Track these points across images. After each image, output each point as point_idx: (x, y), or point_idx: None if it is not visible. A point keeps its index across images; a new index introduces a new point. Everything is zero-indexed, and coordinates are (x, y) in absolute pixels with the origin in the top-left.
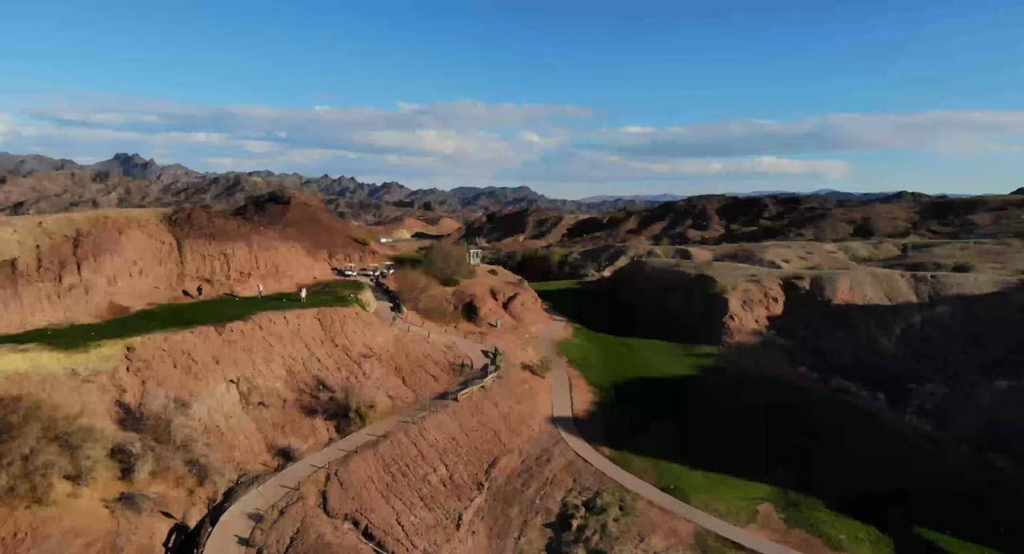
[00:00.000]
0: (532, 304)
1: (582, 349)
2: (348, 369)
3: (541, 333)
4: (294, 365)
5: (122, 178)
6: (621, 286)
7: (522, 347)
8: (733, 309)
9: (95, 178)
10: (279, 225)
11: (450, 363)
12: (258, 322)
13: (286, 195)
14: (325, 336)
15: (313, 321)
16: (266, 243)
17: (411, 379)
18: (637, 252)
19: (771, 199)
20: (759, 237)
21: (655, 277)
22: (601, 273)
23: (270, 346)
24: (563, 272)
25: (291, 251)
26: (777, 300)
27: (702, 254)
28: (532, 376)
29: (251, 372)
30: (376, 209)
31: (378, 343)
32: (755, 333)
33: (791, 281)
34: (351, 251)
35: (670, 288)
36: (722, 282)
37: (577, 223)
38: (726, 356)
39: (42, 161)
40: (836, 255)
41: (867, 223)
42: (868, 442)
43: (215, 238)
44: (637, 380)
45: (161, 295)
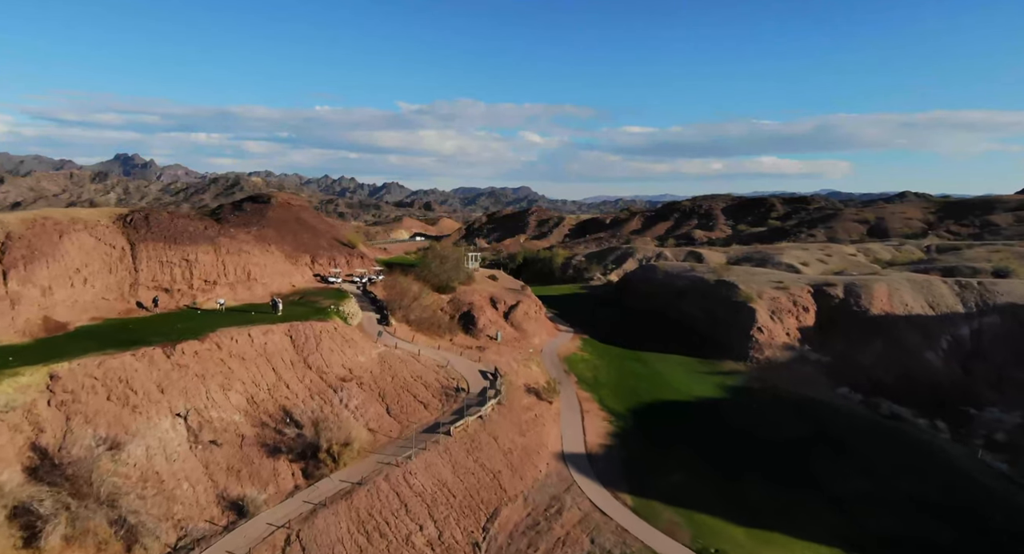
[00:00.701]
0: (535, 313)
1: (592, 365)
2: (322, 396)
3: (546, 346)
4: (257, 393)
5: (121, 178)
6: (630, 291)
7: (525, 364)
8: (761, 320)
9: (94, 178)
10: (255, 227)
11: (443, 386)
12: (217, 341)
13: (266, 194)
14: (297, 356)
15: (283, 338)
16: (236, 247)
17: (396, 407)
18: (645, 254)
19: (778, 199)
20: (768, 238)
21: (668, 282)
22: (607, 277)
23: (229, 370)
24: (567, 275)
25: (266, 256)
26: (808, 310)
27: (714, 256)
28: (537, 401)
29: (204, 403)
30: (376, 209)
31: (359, 363)
32: (786, 347)
33: (822, 288)
34: (337, 255)
35: (685, 294)
36: (746, 289)
37: (579, 223)
38: (756, 374)
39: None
40: (856, 258)
41: (880, 223)
42: (939, 487)
43: (176, 241)
44: (657, 404)
45: (109, 308)
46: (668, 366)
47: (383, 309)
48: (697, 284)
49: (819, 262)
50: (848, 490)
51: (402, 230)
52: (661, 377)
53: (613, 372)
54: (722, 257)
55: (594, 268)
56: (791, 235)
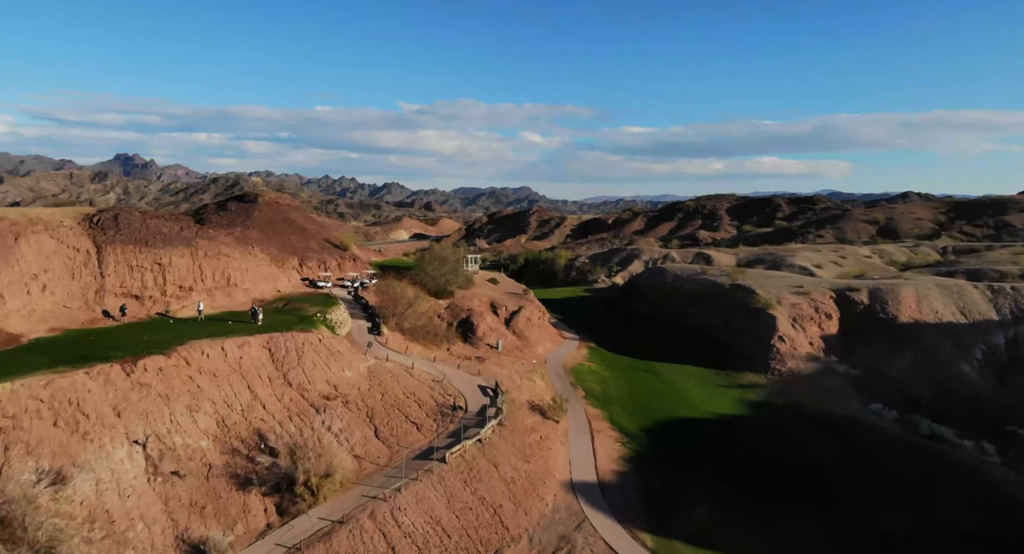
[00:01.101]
0: (539, 319)
1: (600, 377)
2: (302, 417)
3: (550, 355)
4: (229, 415)
5: (120, 178)
6: (637, 295)
7: (528, 377)
8: (783, 329)
9: (94, 178)
10: (239, 228)
11: (438, 404)
12: (185, 355)
13: (252, 193)
14: (276, 372)
15: (261, 352)
16: (215, 249)
17: (386, 429)
18: (652, 256)
19: (783, 199)
20: (775, 239)
21: (678, 286)
22: (612, 279)
23: (198, 389)
24: (570, 277)
25: (249, 259)
26: (831, 317)
27: (724, 258)
28: (543, 420)
29: (167, 427)
30: (376, 209)
31: (346, 379)
32: (810, 358)
33: (845, 293)
34: (328, 257)
35: (698, 299)
36: (764, 294)
37: (581, 224)
38: (778, 388)
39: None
40: (872, 260)
41: (890, 224)
42: (998, 522)
43: (148, 244)
44: (673, 422)
45: (71, 317)
46: (682, 378)
47: (375, 316)
48: (710, 288)
49: (833, 264)
50: (894, 524)
51: (401, 230)
52: (675, 391)
53: (623, 385)
54: (732, 259)
55: (598, 270)
56: (798, 236)
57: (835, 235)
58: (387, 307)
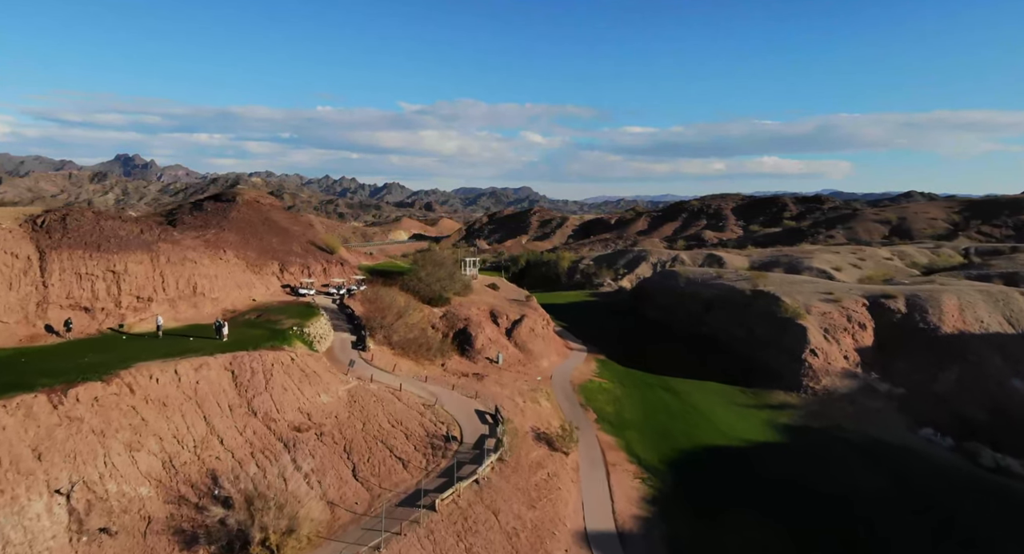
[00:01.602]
0: (543, 329)
1: (613, 396)
2: (268, 454)
3: (556, 370)
4: (178, 453)
5: (120, 178)
6: (648, 301)
7: (532, 397)
8: (814, 341)
9: (93, 178)
10: (212, 230)
11: (429, 434)
12: (130, 381)
13: (231, 192)
14: (238, 399)
15: (222, 375)
16: (179, 254)
17: (367, 467)
18: (660, 258)
19: (790, 198)
20: (784, 239)
21: (692, 292)
22: (619, 283)
23: (142, 422)
24: (573, 281)
25: (219, 264)
26: (865, 327)
27: (736, 260)
28: (550, 453)
29: (99, 472)
30: (376, 210)
31: (321, 406)
32: (846, 374)
33: (879, 301)
34: (312, 262)
35: (716, 307)
36: (792, 302)
37: (583, 224)
38: (813, 408)
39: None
40: (892, 262)
41: (902, 224)
42: None
43: (101, 249)
44: (699, 451)
45: (8, 334)
46: (704, 397)
47: (360, 328)
48: (729, 295)
49: (852, 267)
50: None
51: (401, 231)
52: (698, 412)
53: (639, 406)
54: (745, 261)
55: (604, 273)
56: (808, 237)
57: (846, 235)
58: (375, 318)
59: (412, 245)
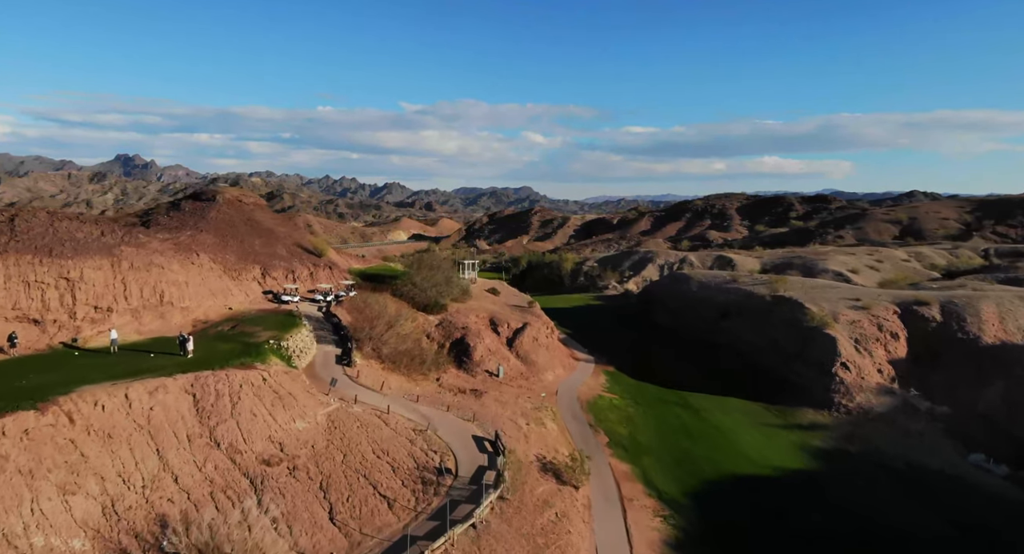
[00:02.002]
0: (547, 338)
1: (626, 415)
2: (230, 493)
3: (562, 384)
4: (123, 496)
5: (119, 178)
6: (658, 305)
7: (537, 418)
8: (845, 353)
9: (92, 178)
10: (188, 231)
11: (419, 467)
12: (69, 409)
13: (211, 190)
14: (199, 427)
15: (181, 399)
16: (145, 259)
17: (345, 508)
18: (667, 259)
19: (796, 198)
20: (791, 240)
21: (706, 297)
22: (625, 286)
23: (81, 459)
24: (577, 283)
25: (191, 269)
26: (898, 337)
27: (748, 262)
28: (558, 487)
29: (23, 521)
30: (376, 210)
31: (296, 434)
32: (882, 390)
33: (911, 308)
34: (298, 266)
35: (732, 313)
36: (818, 310)
37: (584, 224)
38: (847, 429)
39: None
40: (910, 264)
41: (913, 224)
42: None
43: (53, 253)
44: (726, 482)
45: None
46: (726, 416)
47: (347, 340)
48: (747, 301)
49: (870, 269)
50: None
51: (400, 231)
52: (720, 434)
53: (655, 426)
54: (756, 263)
55: (609, 275)
56: (817, 237)
57: (856, 236)
58: (363, 328)
59: (411, 245)
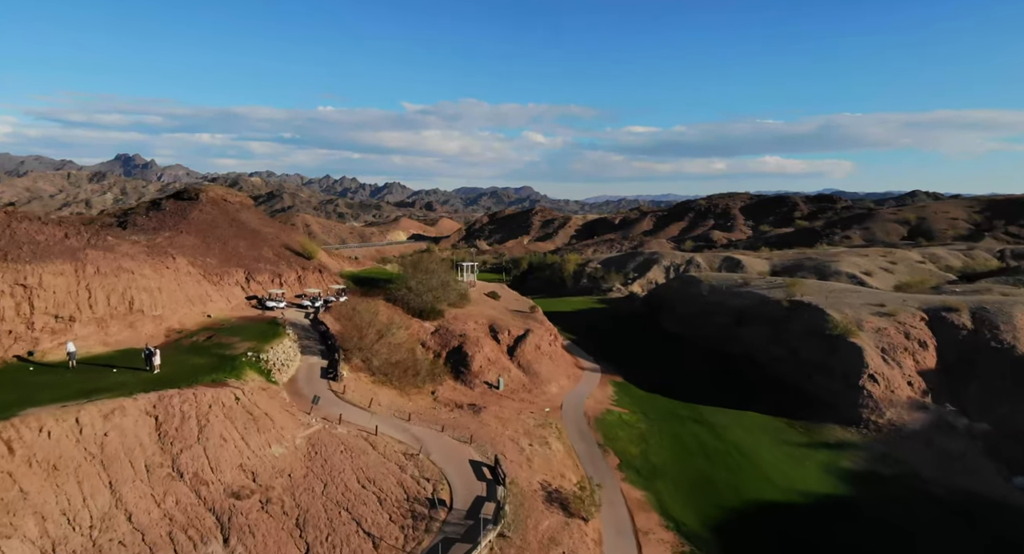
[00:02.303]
0: (550, 346)
1: (637, 433)
2: (192, 532)
3: (567, 396)
4: (65, 539)
5: (118, 178)
6: (665, 309)
7: (541, 437)
8: (873, 364)
9: (92, 178)
10: (166, 232)
11: (409, 498)
12: (9, 437)
13: (194, 189)
14: (160, 455)
15: (141, 423)
16: (113, 263)
17: (324, 547)
18: (673, 261)
19: (800, 198)
20: (797, 240)
21: (718, 301)
22: (629, 288)
23: (20, 495)
24: (580, 285)
25: (165, 274)
26: (926, 346)
27: (756, 264)
28: (565, 521)
29: None
30: (376, 209)
31: (271, 461)
32: (914, 405)
33: (940, 314)
34: (285, 269)
35: (747, 320)
36: (839, 316)
37: (586, 224)
38: (879, 449)
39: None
40: (925, 266)
41: (922, 224)
42: None
43: (9, 257)
44: (751, 513)
45: None
46: (746, 434)
47: (334, 350)
48: (762, 306)
49: (884, 271)
50: None
51: (399, 231)
52: (741, 454)
53: (669, 445)
54: (766, 265)
55: (613, 277)
56: (823, 237)
57: (863, 236)
58: (352, 337)
59: (410, 245)
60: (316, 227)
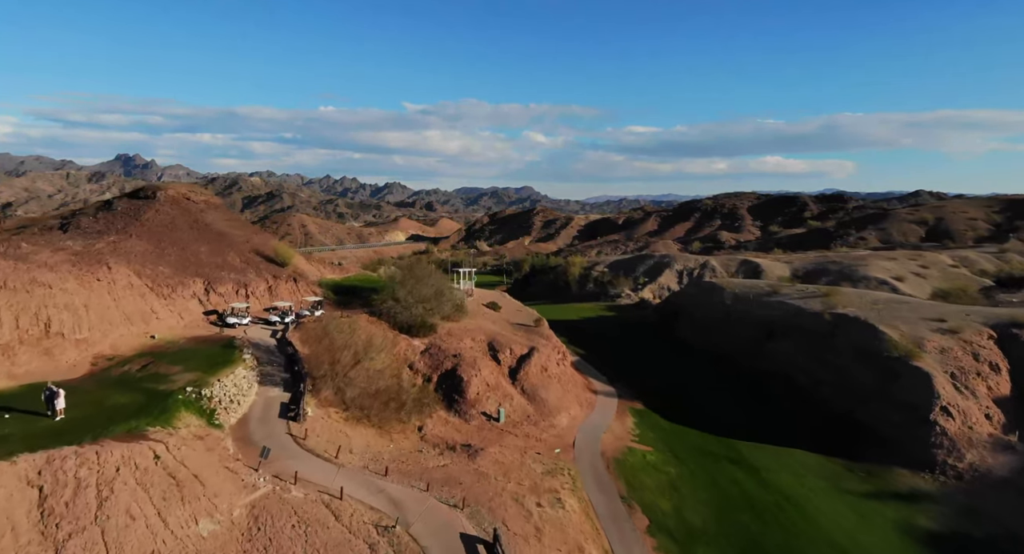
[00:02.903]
0: (558, 366)
1: (666, 480)
2: None
3: (580, 430)
4: None
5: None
6: (683, 319)
7: (552, 493)
8: (945, 394)
9: (90, 178)
10: (113, 236)
11: None
12: None
13: (152, 187)
14: (39, 545)
15: (18, 497)
16: (25, 277)
17: None
18: (686, 264)
19: (810, 197)
20: (809, 241)
21: (745, 311)
22: (639, 294)
23: None
24: (586, 290)
25: (96, 288)
26: (999, 369)
27: (775, 267)
28: None
29: None
30: (376, 209)
31: (196, 545)
32: (998, 444)
33: (1010, 331)
34: (253, 278)
35: (779, 333)
36: (896, 335)
37: (589, 224)
38: (963, 502)
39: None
40: (959, 270)
41: (940, 225)
42: None
43: None
44: None
45: None
46: (796, 480)
47: (301, 379)
48: (797, 318)
49: (916, 277)
50: None
51: (398, 231)
52: (795, 508)
53: (707, 497)
54: (785, 268)
55: (621, 282)
56: (837, 238)
57: (879, 237)
58: (324, 362)
59: (409, 246)
60: (313, 227)
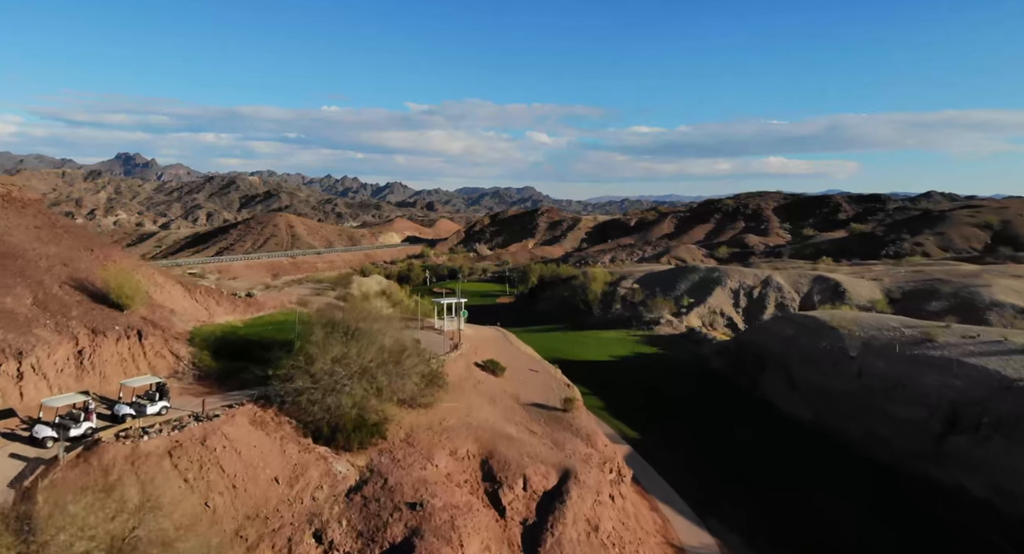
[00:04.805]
0: (612, 505)
1: None
2: None
3: None
4: None
5: (113, 177)
6: (775, 375)
7: None
8: None
9: (86, 177)
10: None
11: None
12: None
13: None
14: None
15: None
16: None
17: None
18: (742, 281)
19: (844, 197)
20: (856, 247)
21: (888, 376)
22: (685, 320)
23: None
24: (611, 313)
25: None
26: None
27: (859, 286)
28: None
29: None
30: (376, 209)
31: None
32: None
33: None
34: (50, 334)
35: (969, 422)
36: None
37: (598, 225)
38: None
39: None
40: None
41: (1007, 228)
42: None
43: None
44: None
45: None
46: None
47: None
48: (1003, 397)
49: None
50: None
51: (392, 233)
52: None
53: None
54: (875, 289)
55: (659, 304)
56: (888, 244)
57: (938, 242)
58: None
59: (404, 249)
60: (301, 229)
